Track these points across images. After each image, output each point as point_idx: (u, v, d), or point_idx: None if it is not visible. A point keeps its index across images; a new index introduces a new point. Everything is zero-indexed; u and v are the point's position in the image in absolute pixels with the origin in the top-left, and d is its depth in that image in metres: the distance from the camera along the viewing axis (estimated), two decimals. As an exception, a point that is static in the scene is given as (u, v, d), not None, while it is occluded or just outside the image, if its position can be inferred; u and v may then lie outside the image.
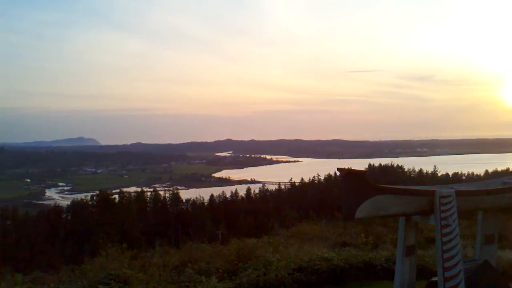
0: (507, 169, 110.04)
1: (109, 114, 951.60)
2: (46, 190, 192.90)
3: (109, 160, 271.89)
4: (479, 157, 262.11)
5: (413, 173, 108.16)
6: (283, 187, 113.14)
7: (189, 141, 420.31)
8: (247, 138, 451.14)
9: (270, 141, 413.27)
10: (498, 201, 8.27)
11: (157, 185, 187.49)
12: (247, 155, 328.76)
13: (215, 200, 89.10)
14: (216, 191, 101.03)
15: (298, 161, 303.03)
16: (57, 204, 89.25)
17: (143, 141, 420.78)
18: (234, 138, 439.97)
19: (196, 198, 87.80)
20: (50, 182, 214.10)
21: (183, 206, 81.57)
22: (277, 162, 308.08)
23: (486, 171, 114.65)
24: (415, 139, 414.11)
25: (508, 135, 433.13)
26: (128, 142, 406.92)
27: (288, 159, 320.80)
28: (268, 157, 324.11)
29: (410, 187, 7.96)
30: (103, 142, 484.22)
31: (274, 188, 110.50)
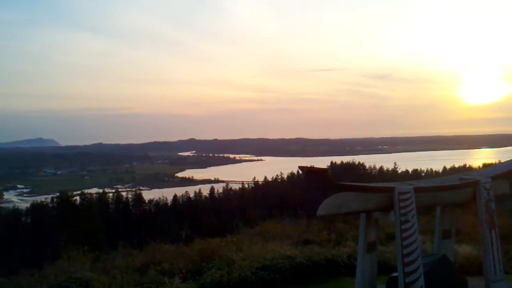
0: (464, 165, 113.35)
1: (69, 114, 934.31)
2: (5, 193, 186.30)
3: (69, 161, 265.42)
4: (438, 154, 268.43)
5: (374, 170, 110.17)
6: (246, 186, 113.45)
7: (151, 140, 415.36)
8: (210, 137, 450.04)
9: (233, 140, 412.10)
10: (455, 197, 8.49)
11: (119, 186, 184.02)
12: (211, 155, 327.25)
13: (179, 200, 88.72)
14: (180, 191, 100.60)
15: (261, 160, 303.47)
16: (16, 207, 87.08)
17: (104, 141, 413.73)
18: (197, 138, 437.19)
19: (159, 198, 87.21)
20: (8, 184, 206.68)
21: (146, 207, 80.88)
22: (241, 161, 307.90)
23: (444, 167, 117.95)
24: (375, 137, 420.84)
25: (465, 132, 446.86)
26: (89, 143, 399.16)
27: (251, 158, 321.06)
28: (231, 156, 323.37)
29: (370, 184, 8.09)
30: (63, 142, 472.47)
31: (237, 187, 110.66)
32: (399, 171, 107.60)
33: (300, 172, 7.02)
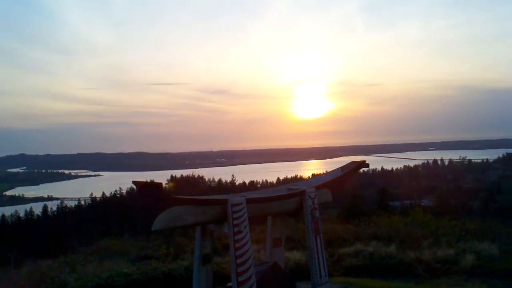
0: (296, 176, 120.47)
1: None
2: None
3: None
4: (272, 165, 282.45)
5: (213, 183, 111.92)
6: (83, 202, 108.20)
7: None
8: (43, 152, 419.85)
9: (69, 155, 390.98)
10: (284, 206, 8.95)
11: None
12: (43, 171, 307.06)
13: (7, 220, 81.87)
14: (8, 210, 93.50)
15: (99, 175, 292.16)
16: None
17: None
18: (28, 153, 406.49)
19: (-17, 220, 79.51)
20: None
21: (-34, 230, 73.08)
22: (77, 176, 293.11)
23: (278, 178, 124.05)
24: (214, 150, 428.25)
25: (297, 145, 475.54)
26: None
27: (88, 174, 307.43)
28: (66, 172, 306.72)
29: (205, 197, 8.19)
30: None
31: (73, 204, 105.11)
32: (237, 183, 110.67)
33: (135, 187, 6.88)
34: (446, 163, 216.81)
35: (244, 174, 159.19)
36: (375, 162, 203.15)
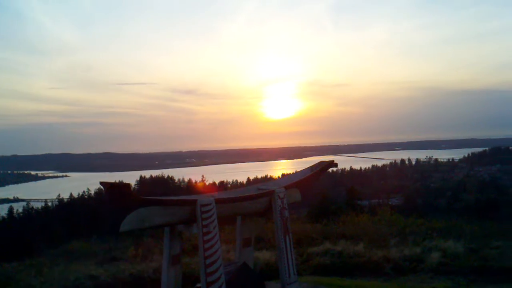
0: (266, 176, 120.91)
1: None
2: None
3: None
4: (243, 166, 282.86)
5: (183, 184, 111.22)
6: (50, 204, 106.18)
7: None
8: (8, 153, 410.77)
9: (35, 155, 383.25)
10: (254, 206, 8.96)
11: None
12: (9, 172, 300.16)
13: (-32, 223, 79.60)
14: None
15: (66, 176, 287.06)
16: None
17: None
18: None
19: None
20: None
21: None
22: (44, 177, 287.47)
23: (248, 178, 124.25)
24: (184, 150, 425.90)
25: (267, 145, 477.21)
26: None
27: (56, 174, 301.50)
28: (33, 172, 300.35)
29: (174, 198, 8.14)
30: None
31: (40, 206, 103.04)
32: (207, 183, 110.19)
33: (102, 188, 6.79)
34: (414, 162, 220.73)
35: (214, 174, 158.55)
36: (344, 162, 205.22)
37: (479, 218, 29.15)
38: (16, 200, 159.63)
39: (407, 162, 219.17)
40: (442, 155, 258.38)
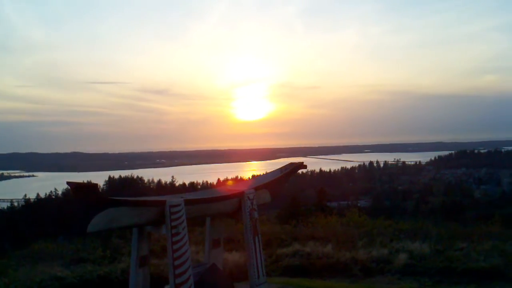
0: (236, 177, 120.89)
1: None
2: None
3: None
4: (213, 166, 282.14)
5: (152, 184, 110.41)
6: (16, 204, 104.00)
7: None
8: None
9: (1, 154, 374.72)
10: (223, 207, 8.97)
11: None
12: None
13: None
14: None
15: (33, 176, 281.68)
16: None
17: None
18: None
19: None
20: None
21: None
22: (10, 177, 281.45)
23: (219, 179, 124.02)
24: (154, 151, 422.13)
25: (237, 146, 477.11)
26: None
27: (22, 174, 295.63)
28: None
29: (142, 199, 8.08)
30: None
31: (6, 206, 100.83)
32: (177, 184, 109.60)
33: (69, 188, 6.68)
34: (382, 165, 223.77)
35: (184, 175, 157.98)
36: (314, 164, 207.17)
37: (445, 220, 29.74)
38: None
39: (375, 164, 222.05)
40: (410, 158, 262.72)
